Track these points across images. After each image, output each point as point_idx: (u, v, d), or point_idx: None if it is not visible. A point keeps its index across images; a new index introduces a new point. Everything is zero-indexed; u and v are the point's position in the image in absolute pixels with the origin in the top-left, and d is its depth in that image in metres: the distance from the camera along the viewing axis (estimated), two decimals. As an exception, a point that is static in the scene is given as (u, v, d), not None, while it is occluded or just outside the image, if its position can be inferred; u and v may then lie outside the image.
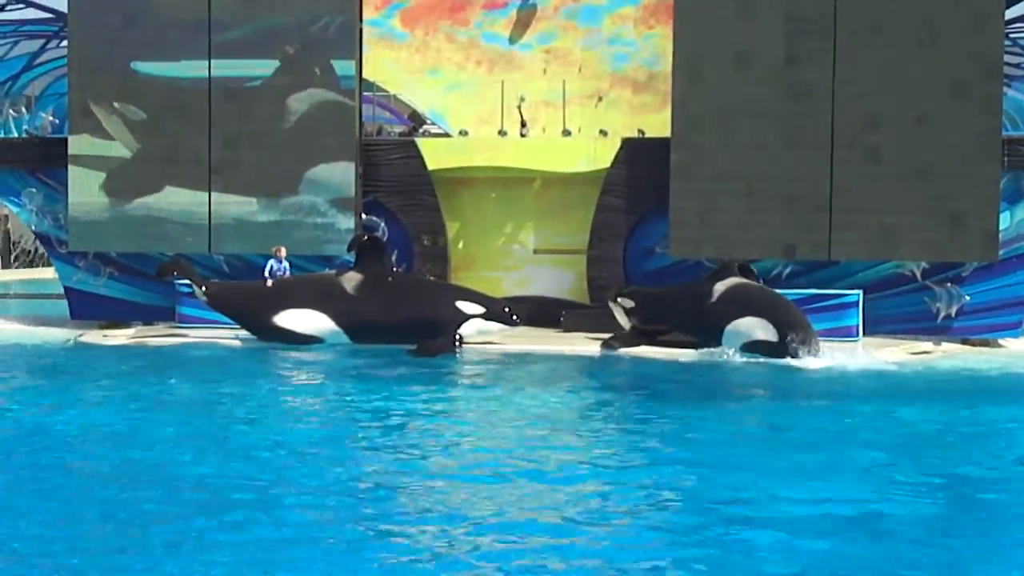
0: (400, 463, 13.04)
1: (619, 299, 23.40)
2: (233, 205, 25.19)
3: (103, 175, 25.38)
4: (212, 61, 25.10)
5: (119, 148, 25.37)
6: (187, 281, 24.06)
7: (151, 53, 25.24)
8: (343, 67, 25.03)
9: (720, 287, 22.43)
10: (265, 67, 25.19)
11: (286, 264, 23.84)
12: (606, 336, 23.13)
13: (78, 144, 25.39)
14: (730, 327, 22.00)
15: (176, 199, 25.26)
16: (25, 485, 11.89)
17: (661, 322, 23.10)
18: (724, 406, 17.49)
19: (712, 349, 21.95)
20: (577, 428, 15.64)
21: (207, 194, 25.16)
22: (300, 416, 16.25)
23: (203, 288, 23.79)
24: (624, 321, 23.30)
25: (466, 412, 16.77)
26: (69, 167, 25.42)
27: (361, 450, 13.90)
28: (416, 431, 15.15)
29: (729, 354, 21.60)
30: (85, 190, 25.40)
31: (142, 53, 25.25)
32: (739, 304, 22.11)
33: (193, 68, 25.17)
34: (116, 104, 25.29)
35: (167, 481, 12.00)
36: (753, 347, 21.78)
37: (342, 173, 24.98)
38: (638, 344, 22.82)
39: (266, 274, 23.67)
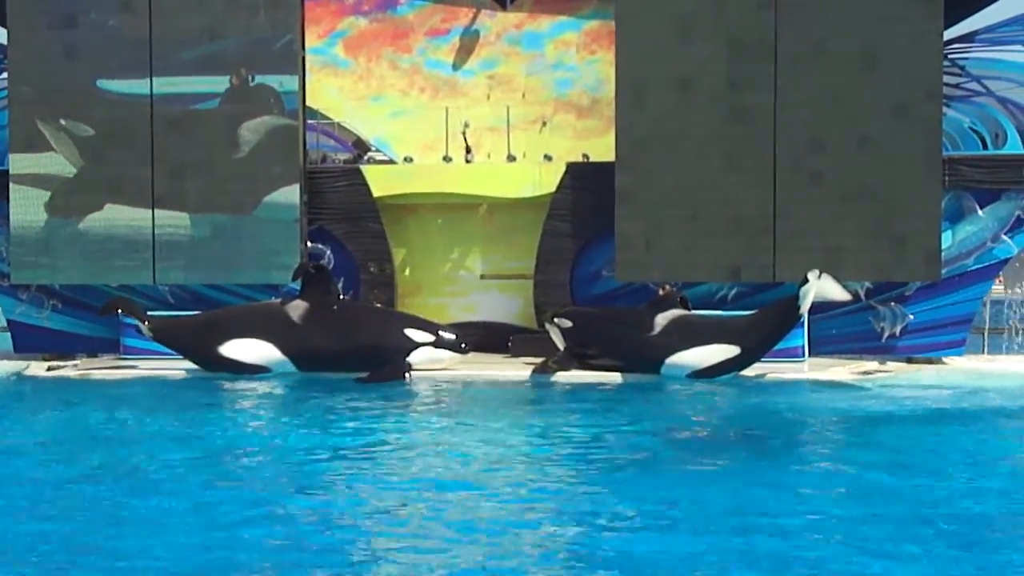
0: (352, 495, 12.99)
1: (556, 320, 23.45)
2: (178, 232, 25.02)
3: (47, 194, 25.06)
4: (154, 84, 24.87)
5: (62, 170, 25.04)
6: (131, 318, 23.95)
7: (94, 74, 24.97)
8: (287, 87, 24.90)
9: (662, 319, 22.59)
10: (209, 87, 25.02)
11: None
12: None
13: (20, 164, 25.14)
14: (672, 359, 22.27)
15: (119, 227, 24.99)
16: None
17: (598, 346, 23.17)
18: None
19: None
20: (529, 457, 15.59)
21: (151, 223, 24.96)
22: (243, 448, 16.11)
23: (146, 324, 23.64)
24: (560, 342, 23.34)
25: (417, 441, 16.68)
26: (11, 186, 25.12)
27: (310, 480, 13.81)
28: (365, 461, 15.07)
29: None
30: (28, 213, 25.11)
31: (86, 74, 24.97)
32: (684, 336, 22.35)
33: (134, 90, 24.95)
34: (62, 122, 24.99)
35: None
36: (709, 372, 22.07)
37: (287, 200, 24.85)
38: (571, 367, 22.89)
39: None
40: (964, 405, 19.54)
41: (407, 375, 22.39)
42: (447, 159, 25.34)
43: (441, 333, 23.14)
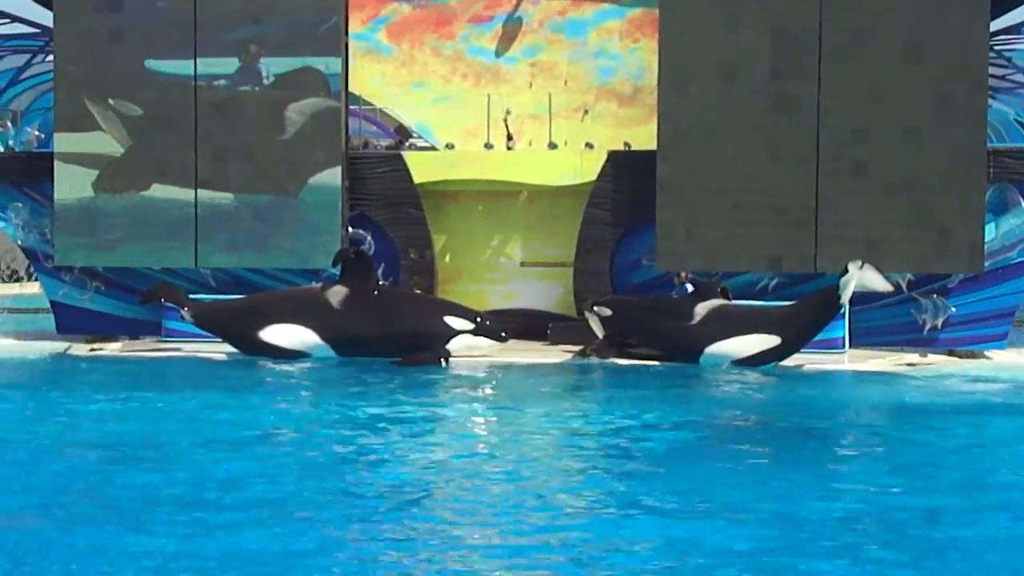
0: (390, 474, 13.06)
1: (596, 308, 23.44)
2: (221, 214, 25.15)
3: (92, 174, 25.20)
4: (199, 65, 24.98)
5: (108, 150, 25.18)
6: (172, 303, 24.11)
7: (140, 55, 25.14)
8: (331, 70, 24.98)
9: (702, 309, 22.55)
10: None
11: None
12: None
13: (65, 144, 25.28)
14: (712, 349, 22.25)
15: (162, 209, 25.15)
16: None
17: (638, 335, 23.15)
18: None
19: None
20: (566, 443, 15.63)
21: (193, 204, 25.08)
22: (284, 430, 16.20)
23: (187, 309, 23.78)
24: (599, 330, 23.33)
25: (450, 425, 16.74)
26: (55, 163, 25.26)
27: (340, 463, 13.89)
28: (397, 443, 15.14)
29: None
30: (72, 193, 25.27)
31: (132, 55, 25.14)
32: (724, 326, 22.32)
33: (180, 71, 25.06)
34: (110, 101, 25.14)
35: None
36: (748, 362, 22.05)
37: (329, 185, 24.93)
38: (610, 355, 22.91)
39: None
40: (1009, 399, 19.39)
41: (443, 361, 22.41)
42: (488, 146, 25.35)
43: (481, 320, 23.17)
